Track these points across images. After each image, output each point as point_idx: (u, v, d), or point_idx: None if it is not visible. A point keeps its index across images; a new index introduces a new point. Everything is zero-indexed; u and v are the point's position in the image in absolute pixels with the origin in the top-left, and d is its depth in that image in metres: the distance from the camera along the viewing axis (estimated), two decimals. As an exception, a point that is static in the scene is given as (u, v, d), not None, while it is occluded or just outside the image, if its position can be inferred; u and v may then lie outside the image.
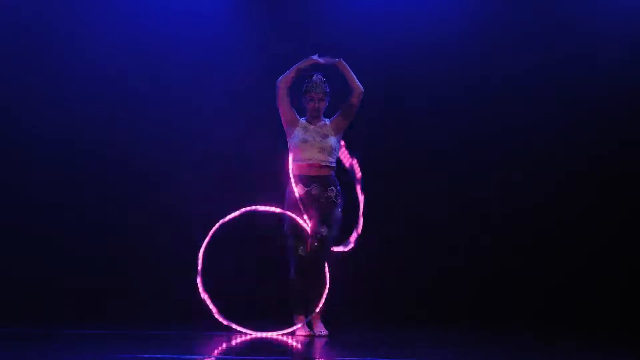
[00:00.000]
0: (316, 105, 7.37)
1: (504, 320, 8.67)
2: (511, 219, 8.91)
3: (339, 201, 7.36)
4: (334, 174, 7.40)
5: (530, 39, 8.98)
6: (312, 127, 7.39)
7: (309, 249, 7.25)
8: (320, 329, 7.33)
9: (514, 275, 8.85)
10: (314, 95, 7.37)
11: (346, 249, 7.34)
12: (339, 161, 7.47)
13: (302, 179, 7.32)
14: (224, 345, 6.83)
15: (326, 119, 7.45)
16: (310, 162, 7.32)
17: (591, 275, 8.82)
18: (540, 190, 8.93)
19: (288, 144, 7.43)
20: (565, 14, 8.99)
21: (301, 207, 7.26)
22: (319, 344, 6.94)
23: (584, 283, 8.81)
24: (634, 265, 8.81)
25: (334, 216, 7.31)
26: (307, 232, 7.24)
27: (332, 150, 7.36)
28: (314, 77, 7.40)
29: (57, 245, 8.83)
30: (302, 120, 7.44)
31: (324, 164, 7.33)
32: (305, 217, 7.25)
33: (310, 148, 7.32)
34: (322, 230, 7.25)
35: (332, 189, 7.33)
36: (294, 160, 7.37)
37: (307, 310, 7.32)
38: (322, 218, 7.27)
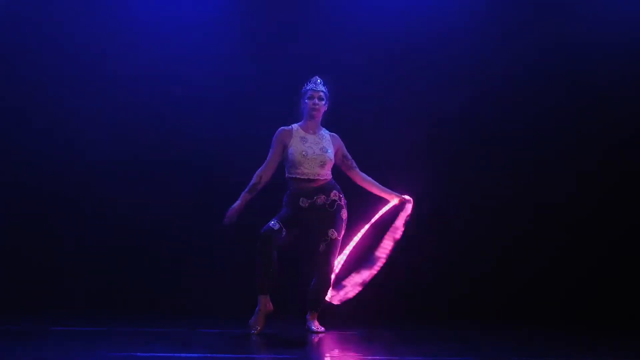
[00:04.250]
0: (316, 104, 7.22)
1: (505, 318, 8.62)
2: (515, 216, 8.89)
3: (343, 202, 7.27)
4: (332, 177, 7.30)
5: (544, 34, 8.94)
6: (310, 136, 7.25)
7: (318, 254, 7.18)
8: (318, 326, 7.27)
9: (517, 273, 8.82)
10: (313, 94, 7.22)
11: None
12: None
13: (303, 194, 7.19)
14: (229, 343, 6.78)
15: (326, 131, 7.34)
16: (309, 177, 7.19)
17: (594, 274, 8.79)
18: (543, 189, 8.91)
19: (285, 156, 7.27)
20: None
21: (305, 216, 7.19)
22: (324, 340, 6.93)
23: (585, 282, 8.78)
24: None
25: (340, 218, 7.22)
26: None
27: (330, 165, 7.26)
28: (313, 78, 7.30)
29: (54, 240, 8.81)
30: (295, 128, 7.28)
31: (322, 177, 7.22)
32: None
33: (310, 162, 7.19)
34: (330, 234, 7.17)
35: (334, 193, 7.24)
36: (290, 173, 7.23)
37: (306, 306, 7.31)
38: (330, 223, 7.18)
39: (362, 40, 8.89)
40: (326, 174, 7.24)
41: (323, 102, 7.25)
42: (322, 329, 7.24)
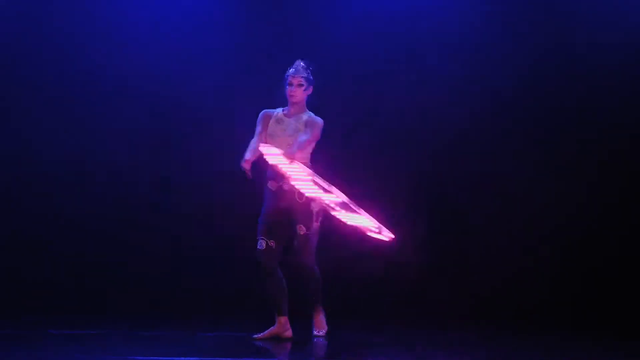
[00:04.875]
0: (293, 91, 6.93)
1: (506, 320, 8.59)
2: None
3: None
4: (308, 165, 6.88)
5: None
6: (286, 119, 6.98)
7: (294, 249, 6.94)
8: (318, 329, 7.13)
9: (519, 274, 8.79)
10: (291, 80, 6.95)
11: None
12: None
13: (272, 176, 6.91)
14: (229, 346, 6.76)
15: (309, 114, 7.00)
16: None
17: (594, 274, 8.75)
18: (543, 189, 8.86)
19: None
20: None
21: (277, 204, 6.92)
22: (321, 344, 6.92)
23: (585, 282, 8.74)
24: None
25: (309, 211, 6.86)
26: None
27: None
28: (296, 62, 7.02)
29: (54, 240, 8.79)
30: (278, 112, 7.04)
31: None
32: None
33: (278, 144, 6.80)
34: (299, 229, 6.87)
35: None
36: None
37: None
38: (298, 218, 6.89)
39: (363, 40, 8.87)
40: (297, 158, 6.76)
41: (302, 88, 6.95)
42: (323, 332, 7.12)
